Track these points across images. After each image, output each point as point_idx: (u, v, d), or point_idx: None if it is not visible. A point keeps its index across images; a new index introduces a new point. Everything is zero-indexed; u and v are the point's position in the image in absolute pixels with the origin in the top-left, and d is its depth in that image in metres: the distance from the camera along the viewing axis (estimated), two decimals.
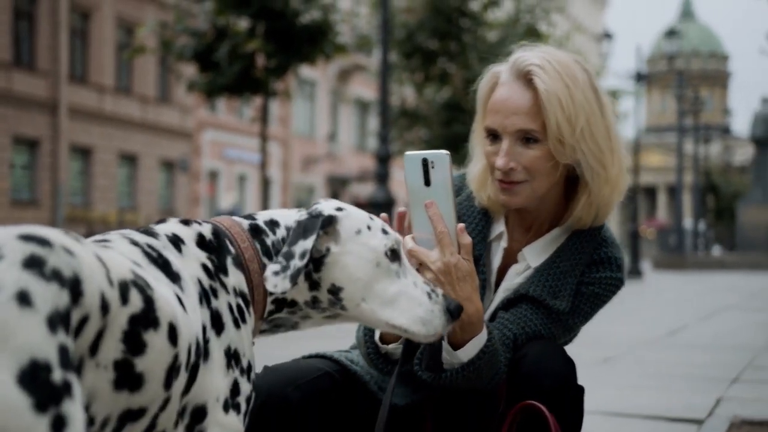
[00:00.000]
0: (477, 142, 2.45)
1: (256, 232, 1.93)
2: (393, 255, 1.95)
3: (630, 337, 8.96)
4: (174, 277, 1.72)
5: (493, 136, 2.35)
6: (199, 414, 1.73)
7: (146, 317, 1.58)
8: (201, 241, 1.85)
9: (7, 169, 27.42)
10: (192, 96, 26.63)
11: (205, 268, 1.81)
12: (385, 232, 1.96)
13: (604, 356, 7.37)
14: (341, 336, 3.27)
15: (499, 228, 2.47)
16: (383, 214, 2.21)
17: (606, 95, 2.38)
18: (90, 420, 1.53)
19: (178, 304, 1.67)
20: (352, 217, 1.95)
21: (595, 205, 2.37)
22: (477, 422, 2.42)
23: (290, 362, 2.41)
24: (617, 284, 2.45)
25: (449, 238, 2.18)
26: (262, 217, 1.96)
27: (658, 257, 40.42)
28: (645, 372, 6.57)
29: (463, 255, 2.19)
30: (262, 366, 2.34)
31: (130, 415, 1.60)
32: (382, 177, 13.93)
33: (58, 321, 1.36)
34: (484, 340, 2.23)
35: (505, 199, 2.35)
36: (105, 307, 1.49)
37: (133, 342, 1.56)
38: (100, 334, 1.50)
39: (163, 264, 1.73)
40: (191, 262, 1.80)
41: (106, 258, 1.56)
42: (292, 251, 1.86)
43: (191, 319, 1.69)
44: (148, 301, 1.59)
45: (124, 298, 1.54)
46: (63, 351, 1.35)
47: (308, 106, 43.48)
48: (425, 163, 2.19)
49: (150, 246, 1.75)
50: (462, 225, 2.21)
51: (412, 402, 2.43)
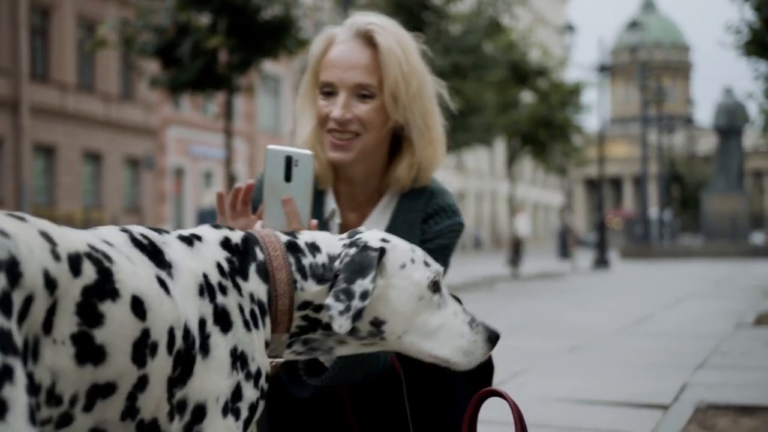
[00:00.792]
0: (306, 106, 2.50)
1: (293, 248, 1.91)
2: (434, 287, 1.95)
3: (596, 326, 9.01)
4: (163, 264, 1.71)
5: (328, 92, 2.42)
6: (199, 413, 1.70)
7: (101, 288, 1.56)
8: (225, 243, 1.84)
9: None
10: (156, 93, 26.46)
11: (218, 266, 1.79)
12: (426, 264, 1.95)
13: (571, 345, 7.41)
14: None
15: (331, 205, 2.52)
16: (219, 191, 2.29)
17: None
18: (58, 399, 1.51)
19: (155, 284, 1.65)
20: (398, 250, 1.94)
21: (416, 166, 2.49)
22: (389, 395, 2.42)
23: None
24: (458, 228, 2.53)
25: None
26: (303, 237, 1.95)
27: (625, 247, 40.70)
28: (611, 360, 6.61)
29: None
30: None
31: (98, 390, 1.57)
32: None
33: None
34: None
35: (338, 156, 2.42)
36: (51, 283, 1.47)
37: (89, 313, 1.54)
38: (51, 311, 1.48)
39: (152, 251, 1.72)
40: (202, 258, 1.78)
41: (55, 233, 1.54)
42: (352, 291, 1.84)
43: (176, 304, 1.67)
44: (104, 273, 1.57)
45: (75, 270, 1.52)
46: (2, 335, 1.33)
47: (273, 102, 43.36)
48: (289, 161, 2.23)
49: (143, 235, 1.75)
50: (315, 222, 2.25)
51: (322, 390, 2.46)
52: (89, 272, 1.55)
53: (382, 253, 1.90)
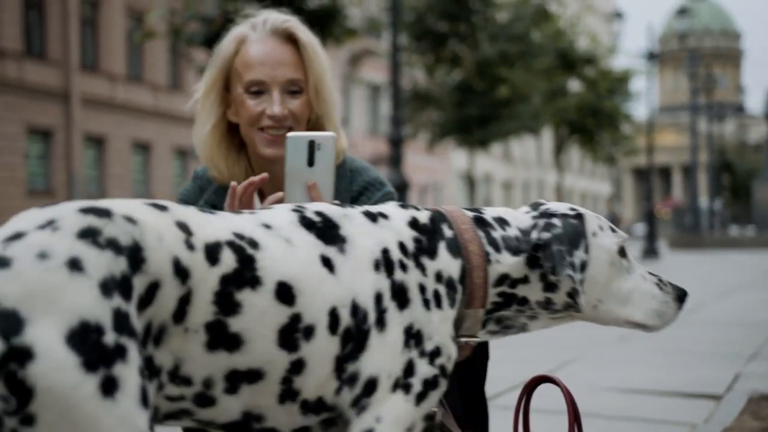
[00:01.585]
0: (205, 106, 2.50)
1: (480, 223, 1.90)
2: (622, 252, 1.95)
3: None
4: (335, 239, 1.72)
5: (257, 91, 2.42)
6: (370, 387, 1.70)
7: (240, 276, 1.58)
8: (413, 223, 1.83)
9: (21, 159, 27.47)
10: None
11: (401, 244, 1.78)
12: (612, 230, 1.95)
13: (619, 334, 7.35)
14: None
15: (257, 204, 2.48)
16: (233, 183, 2.26)
17: None
18: (185, 380, 1.55)
19: (315, 266, 1.66)
20: (588, 219, 1.94)
21: None
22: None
23: None
24: (391, 197, 2.52)
25: None
26: (489, 212, 1.94)
27: (674, 237, 40.27)
28: (662, 349, 6.54)
29: None
30: None
31: (240, 375, 1.59)
32: (395, 161, 13.90)
33: (113, 287, 1.38)
34: None
35: (274, 151, 2.43)
36: (182, 272, 1.51)
37: (225, 302, 1.56)
38: (185, 300, 1.51)
39: (324, 228, 1.73)
40: (385, 234, 1.78)
41: (196, 222, 1.58)
42: (575, 263, 1.84)
43: (341, 282, 1.68)
44: (245, 261, 1.59)
45: (213, 259, 1.55)
46: (118, 315, 1.37)
47: None
48: (312, 145, 2.24)
49: (318, 212, 1.76)
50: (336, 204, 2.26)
51: None
52: (228, 261, 1.57)
53: (582, 221, 1.89)
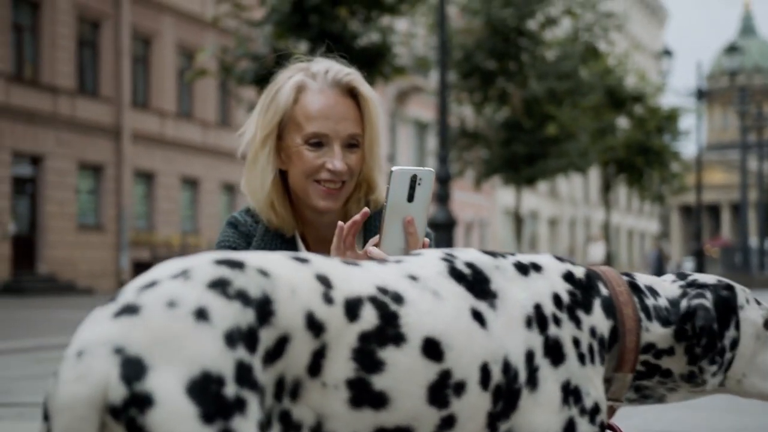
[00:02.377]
0: (263, 153, 2.48)
1: (634, 288, 1.88)
2: (766, 325, 1.92)
3: None
4: (485, 294, 1.68)
5: (318, 143, 2.40)
6: None
7: (382, 334, 1.54)
8: (569, 276, 1.80)
9: (73, 195, 27.84)
10: None
11: (555, 297, 1.75)
12: (757, 302, 1.93)
13: None
14: None
15: (303, 251, 2.48)
16: (339, 222, 2.26)
17: None
18: None
19: (464, 319, 1.63)
20: (737, 292, 1.91)
21: (363, 199, 2.52)
22: None
23: None
24: (430, 238, 2.47)
25: None
26: (640, 279, 1.92)
27: (724, 276, 39.70)
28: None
29: None
30: None
31: None
32: (442, 198, 13.91)
33: (238, 338, 1.37)
34: None
35: (328, 204, 2.43)
36: (316, 326, 1.49)
37: (366, 359, 1.52)
38: (319, 354, 1.49)
39: (474, 281, 1.69)
40: (537, 288, 1.74)
41: (338, 276, 1.56)
42: (724, 345, 1.82)
43: (492, 337, 1.64)
44: (388, 317, 1.56)
45: (352, 315, 1.53)
46: (241, 367, 1.36)
47: None
48: (414, 180, 2.22)
49: (468, 263, 1.72)
50: (428, 241, 2.27)
51: None
52: (369, 317, 1.54)
53: (733, 293, 1.88)
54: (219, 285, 1.41)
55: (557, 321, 1.71)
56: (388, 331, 1.54)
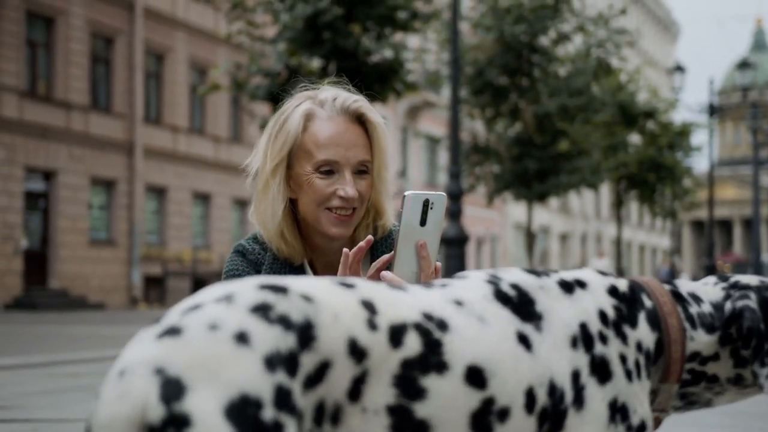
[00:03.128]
0: (275, 181, 2.42)
1: (677, 297, 1.87)
2: None
3: None
4: (531, 316, 1.67)
5: (329, 170, 2.40)
6: None
7: (425, 361, 1.54)
8: (613, 291, 1.79)
9: (85, 210, 27.92)
10: None
11: (601, 314, 1.74)
12: None
13: None
14: None
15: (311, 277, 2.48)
16: (345, 249, 2.27)
17: None
18: None
19: (510, 344, 1.62)
20: None
21: (371, 224, 2.52)
22: None
23: None
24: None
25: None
26: (683, 286, 1.90)
27: None
28: (726, 409, 6.41)
29: None
30: None
31: None
32: (454, 213, 13.91)
33: (278, 362, 1.38)
34: None
35: (340, 231, 2.42)
36: (358, 352, 1.49)
37: (408, 386, 1.52)
38: (360, 380, 1.49)
39: (519, 303, 1.68)
40: (582, 306, 1.73)
41: (383, 301, 1.56)
42: None
43: (538, 360, 1.63)
44: (431, 345, 1.55)
45: (395, 342, 1.52)
46: (280, 391, 1.36)
47: None
48: (426, 204, 2.24)
49: (514, 285, 1.71)
50: (439, 264, 2.28)
51: None
52: (413, 344, 1.53)
53: None
54: (261, 309, 1.42)
55: (603, 338, 1.70)
56: (431, 358, 1.54)
